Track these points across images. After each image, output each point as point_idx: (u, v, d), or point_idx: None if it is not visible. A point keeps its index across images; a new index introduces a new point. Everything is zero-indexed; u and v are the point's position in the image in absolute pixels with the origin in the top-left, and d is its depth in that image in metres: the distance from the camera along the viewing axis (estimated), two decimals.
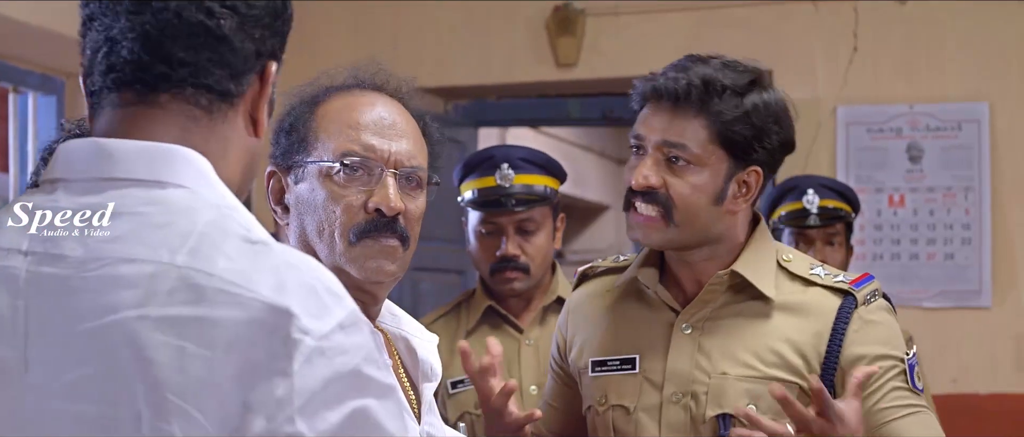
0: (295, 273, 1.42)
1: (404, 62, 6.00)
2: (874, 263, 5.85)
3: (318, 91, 2.25)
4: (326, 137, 2.19)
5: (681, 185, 2.55)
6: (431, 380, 2.32)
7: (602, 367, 2.70)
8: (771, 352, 2.57)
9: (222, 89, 1.54)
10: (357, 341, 1.42)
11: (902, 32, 5.82)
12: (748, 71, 2.58)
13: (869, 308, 2.59)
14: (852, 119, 5.87)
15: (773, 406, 2.50)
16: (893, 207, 5.86)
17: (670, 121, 2.56)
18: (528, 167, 3.83)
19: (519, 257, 3.76)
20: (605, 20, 6.05)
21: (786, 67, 5.88)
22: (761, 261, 2.64)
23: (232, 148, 1.57)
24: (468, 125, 6.53)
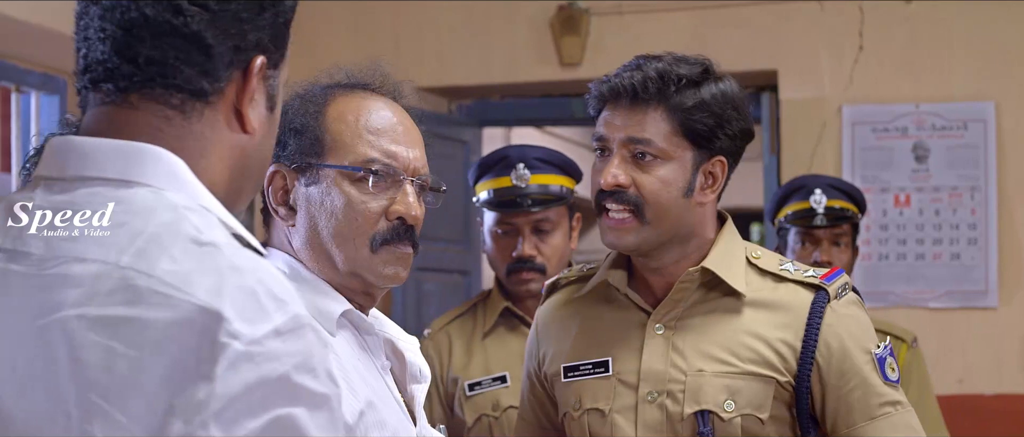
0: (237, 276, 1.40)
1: (406, 62, 6.02)
2: (880, 263, 5.83)
3: (321, 90, 2.24)
4: (342, 141, 2.18)
5: (650, 180, 2.57)
6: (420, 382, 2.31)
7: (574, 372, 2.69)
8: (746, 348, 2.59)
9: (194, 88, 1.52)
10: (293, 348, 1.39)
11: (908, 31, 5.80)
12: (700, 63, 2.60)
13: (841, 302, 2.61)
14: (857, 119, 5.85)
15: (752, 400, 2.56)
16: (899, 207, 5.85)
17: (631, 117, 2.57)
18: (544, 167, 3.82)
19: (535, 257, 3.75)
20: (609, 19, 6.03)
21: (791, 66, 5.90)
22: (731, 258, 2.65)
23: (212, 146, 1.55)
24: (472, 125, 6.51)
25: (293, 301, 1.42)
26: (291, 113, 2.19)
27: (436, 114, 6.31)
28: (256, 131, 1.58)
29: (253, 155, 1.60)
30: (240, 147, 1.58)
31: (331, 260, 2.19)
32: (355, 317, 2.19)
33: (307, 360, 1.40)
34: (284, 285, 1.43)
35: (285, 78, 1.65)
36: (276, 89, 1.61)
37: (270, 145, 1.64)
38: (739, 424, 2.56)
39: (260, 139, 1.60)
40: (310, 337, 1.41)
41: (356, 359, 2.16)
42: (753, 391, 2.57)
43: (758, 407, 2.56)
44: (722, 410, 2.56)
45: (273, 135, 1.64)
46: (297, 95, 2.24)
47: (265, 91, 1.59)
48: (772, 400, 2.57)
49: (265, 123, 1.61)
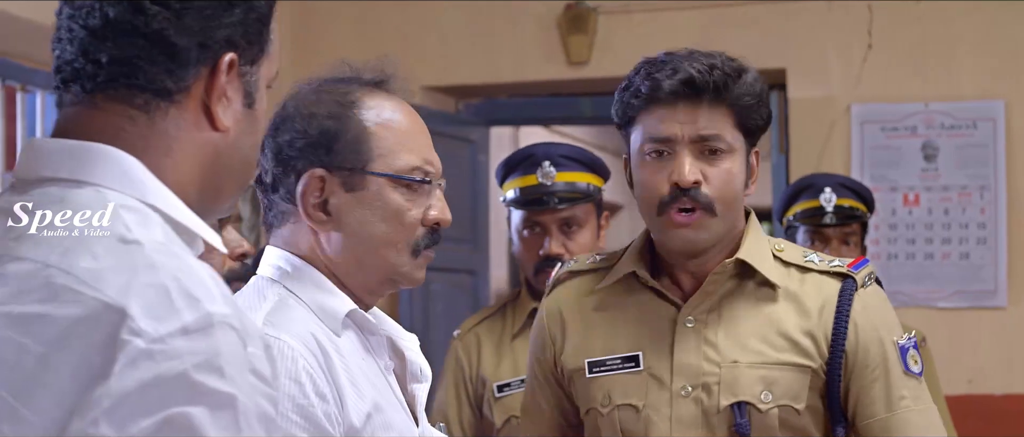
0: (150, 274, 1.39)
1: (413, 60, 6.00)
2: (889, 263, 5.82)
3: (343, 88, 2.20)
4: (388, 147, 2.16)
5: (720, 174, 2.55)
6: (421, 381, 2.30)
7: (601, 368, 2.66)
8: (779, 338, 2.58)
9: (158, 87, 1.52)
10: (197, 346, 1.36)
11: (917, 30, 5.79)
12: (731, 59, 2.60)
13: (868, 291, 2.61)
14: (866, 118, 5.84)
15: (788, 390, 2.55)
16: (908, 206, 5.83)
17: (695, 114, 2.54)
18: (571, 164, 3.81)
19: (563, 256, 3.69)
20: (617, 18, 6.02)
21: (799, 65, 5.88)
22: (761, 249, 2.64)
23: (179, 145, 1.55)
24: (479, 124, 6.49)
25: (212, 300, 1.40)
26: (320, 114, 2.15)
27: (443, 113, 6.30)
28: (230, 129, 1.58)
29: (229, 153, 1.60)
30: (212, 145, 1.58)
31: (373, 266, 2.18)
32: (359, 317, 2.17)
33: (212, 359, 1.37)
34: (206, 284, 1.42)
35: (271, 74, 1.65)
36: (255, 85, 1.61)
37: (252, 142, 1.64)
38: (776, 415, 2.55)
39: (237, 136, 1.60)
40: (221, 336, 1.39)
41: (361, 360, 2.15)
42: (789, 381, 2.56)
43: (794, 397, 2.56)
44: (759, 401, 2.55)
45: (256, 132, 1.64)
46: (314, 91, 2.20)
47: (241, 88, 1.60)
48: (807, 390, 2.57)
49: (243, 120, 1.60)
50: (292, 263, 2.17)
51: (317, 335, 2.07)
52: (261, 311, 2.07)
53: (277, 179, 2.17)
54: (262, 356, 1.44)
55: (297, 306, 2.12)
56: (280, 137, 2.16)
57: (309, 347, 2.04)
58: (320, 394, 2.01)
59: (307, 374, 2.01)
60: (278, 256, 2.19)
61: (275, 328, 2.03)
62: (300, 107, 2.16)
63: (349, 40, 6.10)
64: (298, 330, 2.05)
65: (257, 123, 1.64)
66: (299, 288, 2.14)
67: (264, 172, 2.19)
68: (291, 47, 6.10)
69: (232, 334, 1.40)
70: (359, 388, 2.08)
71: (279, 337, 2.02)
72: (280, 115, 2.18)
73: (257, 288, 2.16)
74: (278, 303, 2.10)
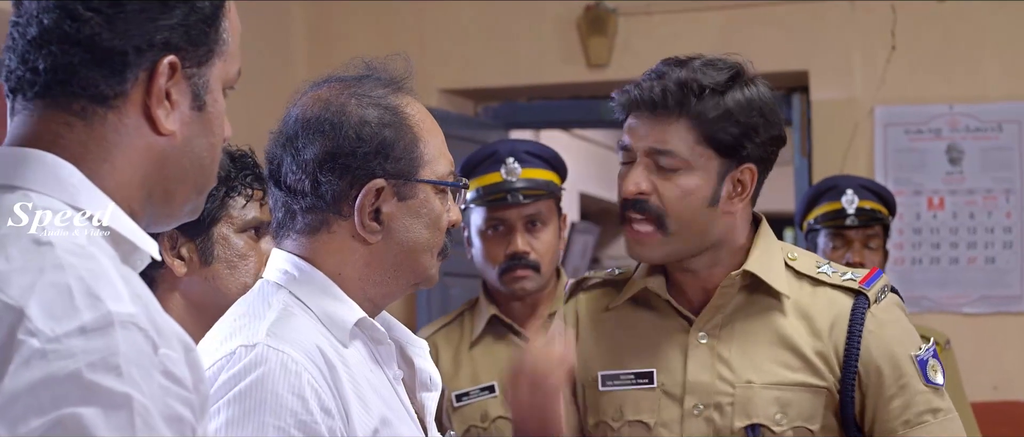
0: (56, 274, 1.38)
1: (431, 63, 6.01)
2: (913, 267, 5.78)
3: (380, 91, 2.14)
4: (431, 153, 2.13)
5: (671, 190, 2.52)
6: (430, 390, 2.25)
7: (614, 381, 2.63)
8: (793, 356, 2.55)
9: (94, 93, 1.52)
10: (93, 345, 1.34)
11: (941, 30, 5.74)
12: (728, 67, 2.54)
13: (881, 306, 2.57)
14: (890, 120, 5.79)
15: (802, 412, 2.52)
16: (932, 210, 5.79)
17: (653, 127, 2.53)
18: (534, 161, 3.77)
19: (529, 254, 3.67)
20: (637, 19, 5.98)
21: (822, 67, 5.84)
22: (771, 260, 2.60)
23: (118, 150, 1.54)
24: (498, 128, 6.46)
25: (116, 299, 1.38)
26: (372, 121, 2.09)
27: (462, 116, 6.28)
28: (176, 132, 1.56)
29: (176, 157, 1.58)
30: (157, 150, 1.56)
31: (407, 272, 2.14)
32: (367, 326, 2.12)
33: (108, 358, 1.34)
34: (114, 284, 1.40)
35: (230, 74, 1.63)
36: (204, 87, 1.59)
37: (207, 144, 1.62)
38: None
39: (186, 139, 1.58)
40: (122, 335, 1.36)
41: (369, 371, 2.09)
42: (803, 403, 2.53)
43: (809, 419, 2.53)
44: (773, 423, 2.52)
45: (211, 134, 1.62)
46: (347, 94, 2.12)
47: (189, 90, 1.58)
48: (823, 410, 2.53)
49: (193, 123, 1.59)
50: (299, 267, 2.11)
51: (322, 347, 2.01)
52: (265, 322, 2.02)
53: (311, 188, 2.10)
54: (180, 359, 1.41)
55: (302, 315, 2.06)
56: (313, 144, 2.08)
57: (314, 360, 1.99)
58: (325, 409, 1.96)
59: (311, 388, 1.96)
60: (285, 260, 2.13)
61: (278, 340, 1.98)
62: (341, 113, 2.09)
63: (366, 42, 6.05)
64: (303, 342, 2.00)
65: (210, 125, 1.62)
66: (306, 294, 2.09)
67: (284, 177, 2.12)
68: (307, 49, 6.07)
69: (136, 334, 1.37)
70: (366, 402, 2.03)
71: (282, 350, 1.97)
72: (306, 120, 2.10)
73: (263, 294, 2.11)
74: (282, 313, 2.04)
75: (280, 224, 2.15)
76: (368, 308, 2.13)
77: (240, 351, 1.96)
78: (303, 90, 2.17)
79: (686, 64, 2.53)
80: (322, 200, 2.09)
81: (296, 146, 2.09)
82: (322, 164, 2.08)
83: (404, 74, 2.18)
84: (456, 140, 6.14)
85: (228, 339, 2.00)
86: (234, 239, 2.53)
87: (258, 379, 1.93)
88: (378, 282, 2.13)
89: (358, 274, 2.12)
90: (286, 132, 2.12)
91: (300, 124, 2.10)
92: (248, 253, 2.54)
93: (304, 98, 2.14)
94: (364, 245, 2.11)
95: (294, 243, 2.13)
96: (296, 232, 2.13)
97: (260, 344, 1.97)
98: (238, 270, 2.53)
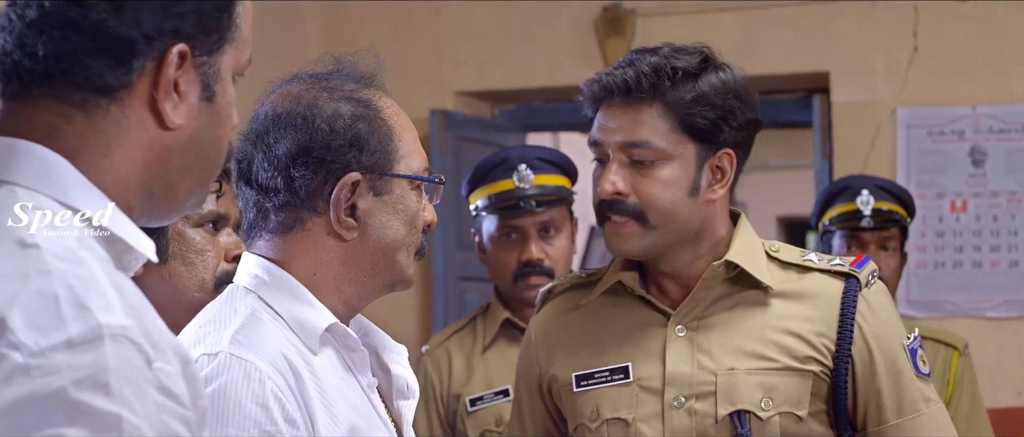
0: (42, 281, 1.30)
1: (447, 65, 6.01)
2: (935, 271, 5.73)
3: (353, 85, 2.10)
4: (405, 147, 2.10)
5: (651, 184, 2.46)
6: (408, 397, 2.19)
7: (589, 381, 2.57)
8: (777, 342, 2.50)
9: (97, 84, 1.43)
10: (80, 361, 1.26)
11: (964, 31, 5.68)
12: (698, 52, 2.50)
13: (871, 291, 2.53)
14: (912, 122, 5.74)
15: (789, 397, 2.47)
16: (955, 213, 5.73)
17: (625, 118, 2.47)
18: (546, 167, 3.73)
19: (543, 261, 3.64)
20: (655, 20, 5.95)
21: (843, 68, 5.79)
22: (752, 251, 2.55)
23: (119, 144, 1.45)
24: (515, 130, 6.43)
25: (107, 310, 1.30)
26: (345, 114, 2.05)
27: (479, 119, 6.25)
28: (183, 125, 1.48)
29: (182, 151, 1.50)
30: (161, 144, 1.48)
31: (384, 271, 2.10)
32: (339, 331, 2.06)
33: (96, 374, 1.26)
34: (105, 293, 1.31)
35: (240, 63, 1.55)
36: (214, 77, 1.51)
37: (215, 137, 1.53)
38: (777, 423, 2.47)
39: (194, 132, 1.50)
40: (112, 349, 1.28)
41: (339, 379, 2.03)
42: (790, 387, 2.47)
43: (796, 403, 2.47)
44: (759, 409, 2.46)
45: (220, 125, 1.54)
46: (318, 88, 2.08)
47: (198, 80, 1.49)
48: (810, 396, 2.48)
49: (202, 114, 1.50)
50: (269, 271, 2.05)
51: (288, 355, 1.96)
52: (229, 329, 1.96)
53: (284, 184, 2.05)
54: (176, 373, 1.34)
55: (270, 321, 2.00)
56: (284, 139, 2.03)
57: (279, 368, 1.93)
58: (289, 419, 1.90)
59: (275, 398, 1.90)
60: (255, 263, 2.07)
61: (242, 348, 1.93)
62: (313, 107, 2.05)
63: (381, 44, 5.99)
64: (268, 350, 1.94)
65: (219, 116, 1.53)
66: (276, 299, 2.03)
67: (256, 175, 2.06)
68: (322, 51, 6.01)
69: (128, 347, 1.29)
70: (334, 411, 1.97)
71: (245, 358, 1.91)
72: (277, 115, 2.05)
73: (231, 299, 2.05)
74: (249, 319, 1.98)
75: (251, 225, 2.09)
76: (343, 311, 2.08)
77: (203, 359, 1.91)
78: (271, 88, 2.12)
79: (656, 51, 2.49)
80: (296, 196, 2.04)
81: (267, 142, 2.04)
82: (295, 159, 2.03)
83: (375, 70, 2.14)
84: (473, 143, 6.16)
85: (192, 347, 1.95)
86: (190, 234, 2.46)
87: (220, 389, 1.88)
88: (354, 281, 2.08)
89: (334, 274, 2.07)
90: (256, 129, 2.06)
91: (270, 120, 2.05)
92: (205, 248, 2.47)
93: (273, 95, 2.09)
94: (340, 243, 2.06)
95: (266, 244, 2.08)
96: (268, 232, 2.08)
97: (223, 352, 1.92)
98: (195, 266, 2.46)
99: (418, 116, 5.76)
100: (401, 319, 5.83)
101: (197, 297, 2.42)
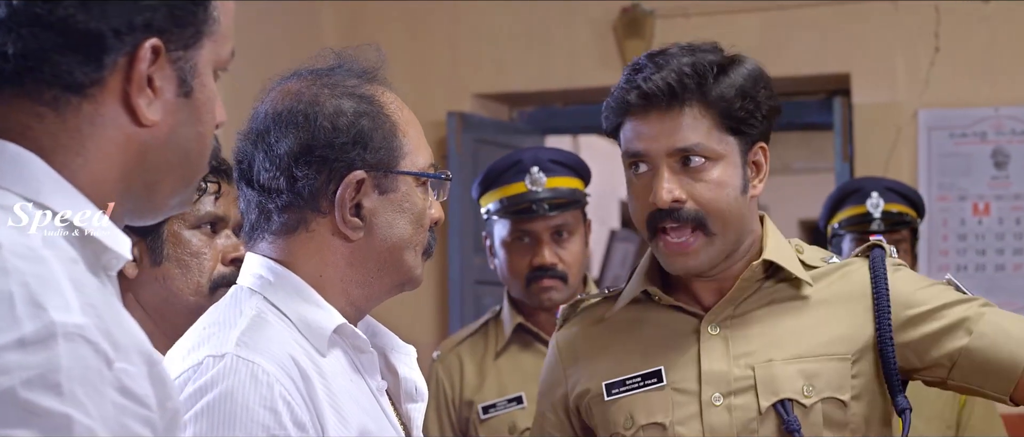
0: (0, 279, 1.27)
1: (464, 67, 5.99)
2: (958, 274, 5.58)
3: (356, 81, 2.06)
4: (410, 144, 2.05)
5: (706, 188, 2.39)
6: (416, 400, 2.14)
7: (620, 388, 2.51)
8: (814, 331, 2.45)
9: (67, 81, 1.40)
10: (32, 360, 1.23)
11: (986, 31, 5.65)
12: (715, 48, 2.45)
13: (896, 257, 2.50)
14: (934, 123, 5.71)
15: (831, 382, 2.41)
16: (978, 216, 5.69)
17: (667, 125, 2.39)
18: (559, 169, 3.67)
19: (557, 265, 3.58)
20: (674, 21, 5.92)
21: (863, 69, 5.77)
22: (785, 248, 2.51)
23: (93, 142, 1.42)
24: (534, 133, 6.40)
25: (63, 309, 1.27)
26: (347, 111, 2.00)
27: (497, 122, 6.22)
28: (159, 122, 1.45)
29: (159, 147, 1.47)
30: (137, 141, 1.45)
31: (391, 271, 2.05)
32: (348, 332, 2.01)
33: (48, 374, 1.24)
34: (63, 292, 1.29)
35: (222, 56, 1.52)
36: (191, 72, 1.48)
37: (195, 133, 1.50)
38: (820, 410, 2.41)
39: (172, 129, 1.47)
40: (66, 349, 1.25)
41: (349, 381, 1.99)
42: (831, 373, 2.41)
43: (838, 389, 2.40)
44: (802, 396, 2.40)
45: (199, 122, 1.51)
46: (319, 84, 2.04)
47: (174, 75, 1.46)
48: (851, 379, 2.42)
49: (179, 110, 1.47)
50: (274, 271, 2.01)
51: (297, 357, 1.91)
52: (235, 330, 1.91)
53: (286, 184, 2.00)
54: (139, 374, 1.31)
55: (277, 322, 1.95)
56: (286, 138, 1.98)
57: (287, 371, 1.88)
58: (298, 423, 1.85)
59: (284, 401, 1.85)
60: (259, 264, 2.02)
61: (248, 350, 1.88)
62: (314, 104, 2.00)
63: (399, 46, 6.00)
64: (275, 352, 1.89)
65: (199, 113, 1.50)
66: (282, 299, 1.98)
67: (257, 175, 2.02)
68: None
69: (84, 347, 1.26)
70: (343, 414, 1.92)
71: (252, 360, 1.86)
72: (277, 113, 2.01)
73: (235, 300, 2.00)
74: (255, 320, 1.94)
75: (253, 226, 2.05)
76: (350, 312, 2.03)
77: (208, 361, 1.86)
78: (270, 86, 2.08)
79: (676, 53, 2.41)
80: (299, 197, 1.99)
81: (268, 142, 1.99)
82: (298, 158, 1.98)
83: (377, 64, 2.09)
84: (490, 146, 6.13)
85: (196, 348, 1.90)
86: (186, 235, 2.42)
87: (227, 392, 1.83)
88: (361, 283, 2.03)
89: (340, 275, 2.02)
90: (256, 128, 2.02)
91: (271, 118, 2.00)
92: (202, 250, 2.43)
93: (273, 93, 2.05)
94: (345, 243, 2.01)
95: (270, 246, 2.03)
96: (271, 234, 2.03)
97: (229, 354, 1.86)
98: (190, 269, 2.41)
99: (435, 118, 5.73)
100: (418, 324, 5.80)
101: (192, 300, 2.39)
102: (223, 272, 2.43)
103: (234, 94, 5.44)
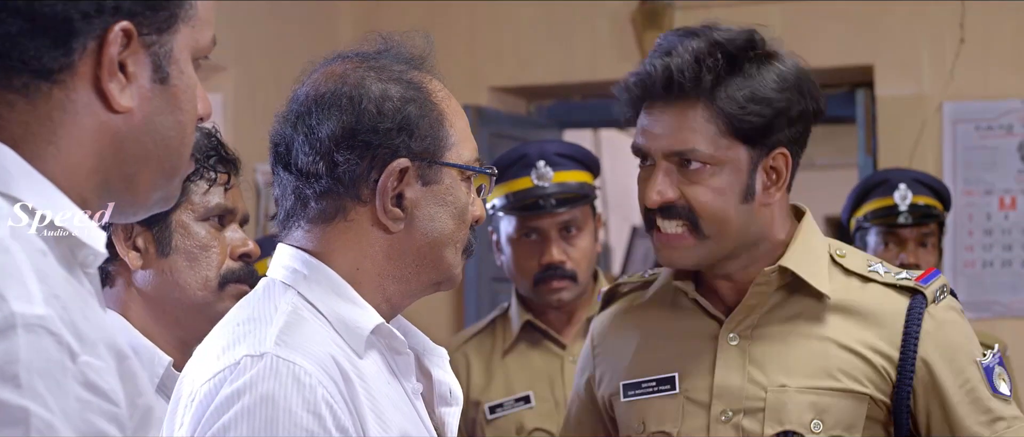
0: None
1: (482, 60, 5.99)
2: (983, 270, 5.65)
3: (403, 68, 1.97)
4: (457, 135, 1.96)
5: (701, 192, 2.30)
6: (451, 404, 2.05)
7: (636, 390, 2.45)
8: (834, 360, 2.34)
9: (36, 67, 1.36)
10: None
11: (1012, 22, 5.62)
12: (744, 34, 2.32)
13: (940, 306, 2.35)
14: (960, 116, 5.66)
15: (841, 420, 2.33)
16: (1004, 210, 5.65)
17: (670, 123, 2.30)
18: (567, 163, 3.56)
19: (565, 263, 3.47)
20: (694, 13, 5.83)
21: (888, 61, 5.74)
22: (812, 255, 2.39)
23: (65, 130, 1.38)
24: (553, 127, 6.36)
25: (24, 299, 1.24)
26: (394, 96, 1.92)
27: (514, 115, 6.19)
28: (133, 108, 1.40)
29: (135, 136, 1.42)
30: (112, 128, 1.40)
31: (430, 268, 1.97)
32: (386, 332, 1.93)
33: (6, 366, 1.21)
34: (25, 282, 1.26)
35: (201, 42, 1.47)
36: (167, 57, 1.43)
37: (173, 121, 1.45)
38: None
39: (147, 116, 1.42)
40: (25, 340, 1.22)
41: (386, 384, 1.90)
42: (843, 410, 2.32)
43: (849, 427, 2.32)
44: (808, 431, 2.32)
45: (178, 109, 1.46)
46: (364, 67, 1.96)
47: (148, 60, 1.41)
48: (865, 420, 2.33)
49: (154, 97, 1.43)
50: (309, 264, 1.92)
51: (337, 357, 1.83)
52: (272, 327, 1.83)
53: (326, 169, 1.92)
54: (107, 368, 1.27)
55: (314, 320, 1.87)
56: (328, 121, 1.90)
57: (329, 372, 1.80)
58: (341, 427, 1.77)
59: (327, 405, 1.76)
60: (292, 256, 1.94)
61: (289, 349, 1.79)
62: (360, 87, 1.92)
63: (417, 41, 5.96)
64: (316, 352, 1.81)
65: (177, 100, 1.45)
66: (317, 296, 1.90)
67: (295, 159, 1.93)
68: None
69: (46, 339, 1.23)
70: (384, 419, 1.84)
71: (293, 361, 1.77)
72: (320, 95, 1.92)
73: (268, 294, 1.91)
74: (292, 317, 1.85)
75: (288, 214, 1.96)
76: (386, 310, 1.95)
77: (245, 361, 1.77)
78: (312, 68, 1.99)
79: (696, 34, 2.30)
80: (339, 183, 1.90)
81: (309, 124, 1.91)
82: (339, 142, 1.89)
83: (424, 51, 2.00)
84: (508, 140, 6.06)
85: (231, 347, 1.81)
86: (194, 228, 2.35)
87: (268, 394, 1.74)
88: (399, 278, 1.95)
89: (378, 269, 1.93)
90: (296, 110, 1.93)
91: (313, 100, 1.92)
92: (210, 243, 2.36)
93: (315, 74, 1.96)
94: (385, 235, 1.93)
95: (304, 235, 1.95)
96: (307, 221, 1.94)
97: (268, 354, 1.77)
98: (198, 262, 2.34)
99: None
100: (432, 321, 5.74)
101: (199, 295, 2.34)
102: (232, 267, 2.38)
103: (249, 89, 5.35)
